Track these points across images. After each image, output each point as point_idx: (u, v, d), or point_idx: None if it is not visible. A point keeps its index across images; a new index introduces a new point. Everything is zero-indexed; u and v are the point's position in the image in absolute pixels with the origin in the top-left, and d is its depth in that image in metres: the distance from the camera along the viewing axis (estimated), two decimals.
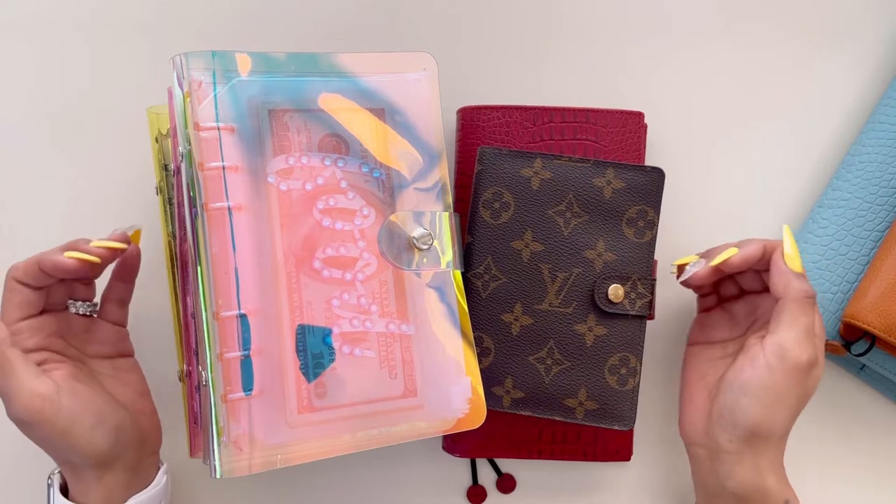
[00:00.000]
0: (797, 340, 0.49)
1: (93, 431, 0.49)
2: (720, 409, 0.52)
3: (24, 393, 0.47)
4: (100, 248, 0.51)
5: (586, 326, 0.54)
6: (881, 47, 0.63)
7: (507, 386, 0.54)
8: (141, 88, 0.61)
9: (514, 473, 0.61)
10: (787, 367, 0.49)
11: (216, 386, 0.47)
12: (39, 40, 0.62)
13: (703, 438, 0.53)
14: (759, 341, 0.51)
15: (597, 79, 0.63)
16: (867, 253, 0.58)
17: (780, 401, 0.50)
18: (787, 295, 0.50)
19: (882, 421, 0.62)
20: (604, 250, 0.54)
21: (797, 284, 0.50)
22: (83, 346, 0.54)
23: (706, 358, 0.56)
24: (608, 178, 0.54)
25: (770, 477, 0.51)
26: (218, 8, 0.62)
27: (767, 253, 0.52)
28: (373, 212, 0.52)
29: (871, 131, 0.60)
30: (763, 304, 0.55)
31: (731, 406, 0.51)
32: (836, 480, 0.62)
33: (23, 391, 0.47)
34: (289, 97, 0.50)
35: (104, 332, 0.55)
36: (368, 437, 0.50)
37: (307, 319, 0.49)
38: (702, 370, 0.55)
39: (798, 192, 0.63)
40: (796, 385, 0.50)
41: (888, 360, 0.57)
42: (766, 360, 0.50)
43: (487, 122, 0.58)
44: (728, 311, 0.57)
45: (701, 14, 0.64)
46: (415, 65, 0.53)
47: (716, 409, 0.52)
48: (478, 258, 0.55)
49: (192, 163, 0.48)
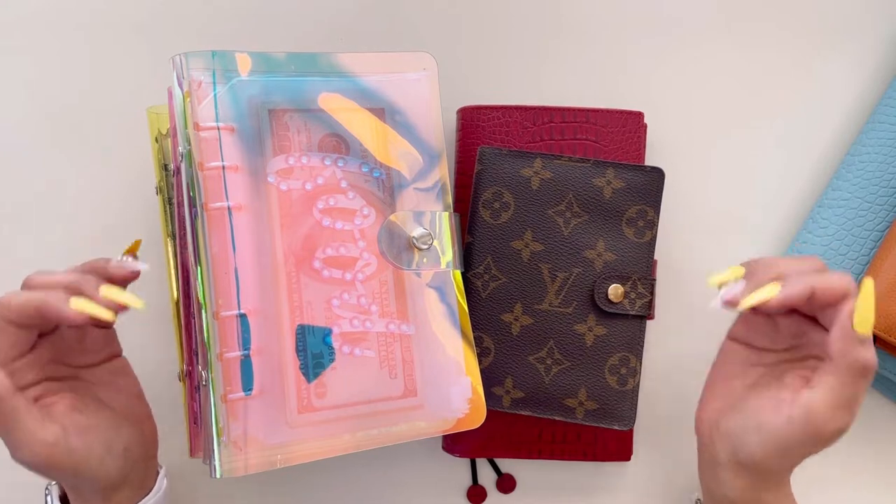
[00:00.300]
0: (833, 409, 0.45)
1: (102, 462, 0.47)
2: (728, 428, 0.50)
3: (32, 443, 0.45)
4: (111, 301, 0.46)
5: (586, 326, 0.54)
6: (881, 47, 0.64)
7: (507, 386, 0.54)
8: (141, 88, 0.61)
9: (514, 473, 0.61)
10: (810, 430, 0.46)
11: (216, 386, 0.47)
12: (39, 40, 0.62)
13: (707, 441, 0.51)
14: (795, 385, 0.48)
15: (597, 79, 0.63)
16: (867, 253, 0.58)
17: (788, 453, 0.47)
18: (843, 361, 0.44)
19: (882, 421, 0.62)
20: (604, 250, 0.54)
21: (860, 354, 0.44)
22: (75, 359, 0.51)
23: (740, 360, 0.52)
24: (608, 178, 0.54)
25: (768, 496, 0.49)
26: (218, 8, 0.62)
27: (818, 297, 0.45)
28: (373, 212, 0.52)
29: (871, 131, 0.60)
30: (812, 334, 0.49)
31: (739, 434, 0.49)
32: (835, 481, 0.62)
33: (31, 442, 0.45)
34: (289, 97, 0.50)
35: (96, 338, 0.52)
36: (368, 437, 0.50)
37: (307, 319, 0.49)
38: (732, 371, 0.52)
39: (798, 192, 0.63)
40: (812, 447, 0.47)
41: (888, 360, 0.57)
42: (791, 414, 0.46)
43: (487, 122, 0.58)
44: (774, 321, 0.51)
45: (701, 14, 0.64)
46: (415, 65, 0.53)
47: (725, 424, 0.50)
48: (478, 258, 0.55)
49: (191, 163, 0.48)
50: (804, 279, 0.46)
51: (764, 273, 0.48)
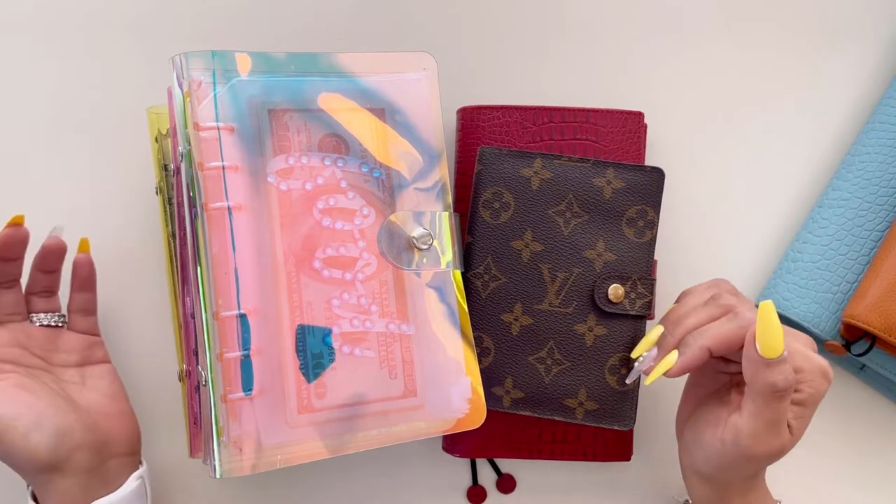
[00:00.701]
0: (755, 433, 0.46)
1: (27, 436, 0.48)
2: (685, 439, 0.52)
3: None
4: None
5: (586, 326, 0.54)
6: (881, 47, 0.63)
7: (507, 386, 0.54)
8: (141, 88, 0.61)
9: (514, 473, 0.61)
10: (741, 452, 0.47)
11: (216, 386, 0.47)
12: (39, 40, 0.62)
13: (679, 446, 0.53)
14: (734, 404, 0.49)
15: (597, 79, 0.63)
16: (867, 253, 0.58)
17: (731, 471, 0.48)
18: (755, 386, 0.46)
19: (882, 421, 0.62)
20: (604, 250, 0.54)
21: (768, 378, 0.45)
22: (48, 356, 0.54)
23: (710, 365, 0.52)
24: (608, 178, 0.54)
25: (737, 500, 0.50)
26: (218, 8, 0.62)
27: (717, 351, 0.47)
28: (373, 212, 0.52)
29: (871, 131, 0.60)
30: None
31: (690, 447, 0.51)
32: (835, 481, 0.62)
33: None
34: (289, 97, 0.50)
35: (71, 342, 0.54)
36: (368, 437, 0.50)
37: (307, 319, 0.49)
38: (700, 379, 0.53)
39: (798, 192, 0.63)
40: (749, 466, 0.48)
41: (888, 360, 0.57)
42: (723, 437, 0.48)
43: (487, 122, 0.58)
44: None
45: (701, 14, 0.64)
46: (415, 65, 0.53)
47: (684, 435, 0.52)
48: (478, 258, 0.55)
49: (191, 163, 0.48)
50: (699, 341, 0.47)
51: (670, 336, 0.49)
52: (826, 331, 0.57)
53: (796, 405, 0.47)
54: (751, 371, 0.46)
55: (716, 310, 0.49)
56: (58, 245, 0.53)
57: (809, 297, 0.57)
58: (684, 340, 0.48)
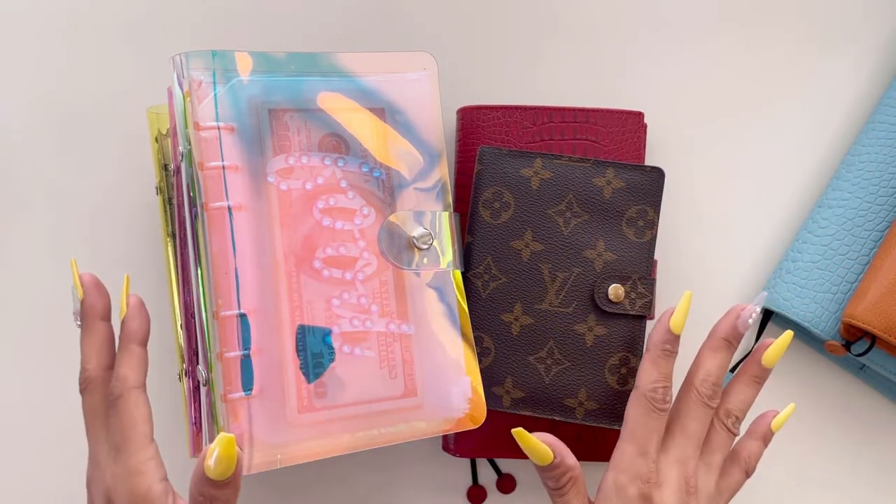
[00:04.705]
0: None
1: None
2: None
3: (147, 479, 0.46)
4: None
5: (586, 326, 0.54)
6: (881, 47, 0.64)
7: (507, 386, 0.54)
8: (141, 88, 0.61)
9: (514, 473, 0.61)
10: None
11: (216, 386, 0.47)
12: (39, 40, 0.62)
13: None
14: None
15: (596, 79, 0.63)
16: (867, 253, 0.58)
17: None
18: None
19: (882, 421, 0.62)
20: (604, 250, 0.54)
21: (542, 478, 0.51)
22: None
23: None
24: (608, 178, 0.54)
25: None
26: (218, 8, 0.62)
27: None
28: (373, 211, 0.52)
29: (871, 131, 0.60)
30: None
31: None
32: (835, 481, 0.62)
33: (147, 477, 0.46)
34: (289, 97, 0.50)
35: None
36: (368, 437, 0.50)
37: (307, 319, 0.49)
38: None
39: (798, 192, 0.63)
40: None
41: (888, 360, 0.57)
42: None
43: (487, 122, 0.58)
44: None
45: (701, 14, 0.64)
46: (415, 65, 0.53)
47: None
48: (478, 258, 0.55)
49: (191, 162, 0.48)
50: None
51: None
52: (826, 331, 0.57)
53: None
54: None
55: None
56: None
57: (809, 297, 0.57)
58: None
